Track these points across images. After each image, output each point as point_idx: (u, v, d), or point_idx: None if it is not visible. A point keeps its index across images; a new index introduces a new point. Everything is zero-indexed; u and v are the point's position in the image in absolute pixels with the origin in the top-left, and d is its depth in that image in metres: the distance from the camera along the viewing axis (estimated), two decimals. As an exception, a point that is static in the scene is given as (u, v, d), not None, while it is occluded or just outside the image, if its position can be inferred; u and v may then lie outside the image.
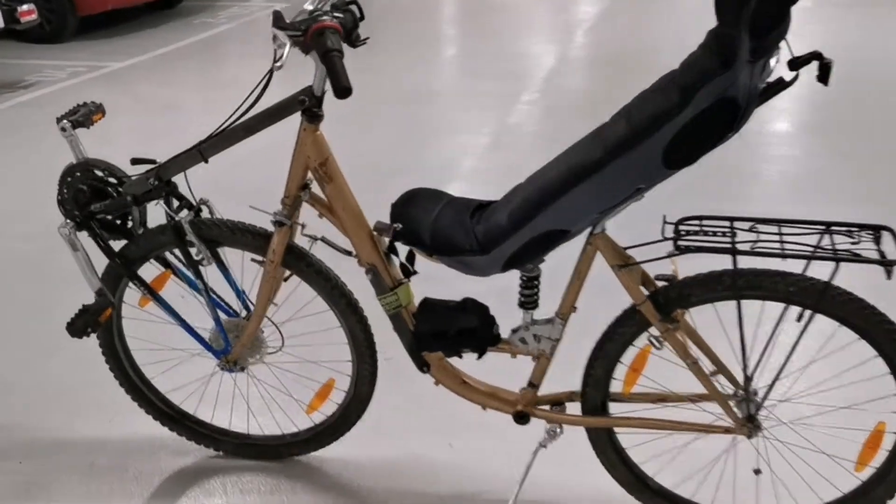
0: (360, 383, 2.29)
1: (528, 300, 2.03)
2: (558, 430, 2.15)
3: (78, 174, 2.17)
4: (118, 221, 2.23)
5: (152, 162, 2.14)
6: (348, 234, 2.06)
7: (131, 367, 2.41)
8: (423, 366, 2.17)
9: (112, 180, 2.18)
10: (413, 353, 2.15)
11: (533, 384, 2.13)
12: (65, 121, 2.14)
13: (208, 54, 7.52)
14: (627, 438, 2.16)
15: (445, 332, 2.10)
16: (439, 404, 2.54)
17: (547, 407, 2.17)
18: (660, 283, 1.94)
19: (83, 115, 2.18)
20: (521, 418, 2.16)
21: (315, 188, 2.07)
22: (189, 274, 2.27)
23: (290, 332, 2.33)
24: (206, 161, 2.07)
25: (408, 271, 2.09)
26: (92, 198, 2.17)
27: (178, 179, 2.13)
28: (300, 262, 2.15)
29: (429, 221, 1.98)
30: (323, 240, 2.13)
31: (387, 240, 2.08)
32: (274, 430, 2.48)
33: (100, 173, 2.18)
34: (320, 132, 1.99)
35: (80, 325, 2.18)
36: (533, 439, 2.15)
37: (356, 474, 2.39)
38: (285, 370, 2.47)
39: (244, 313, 2.27)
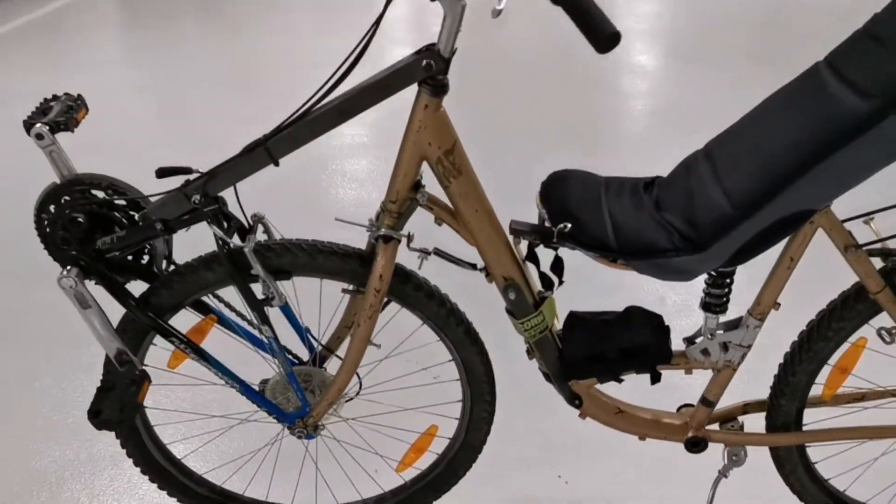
0: (473, 428, 1.79)
1: (717, 302, 1.59)
2: (742, 453, 1.74)
3: (68, 198, 1.53)
4: (129, 257, 1.60)
5: (187, 171, 1.53)
6: (479, 242, 1.55)
7: (156, 445, 1.80)
8: (573, 399, 1.69)
9: (120, 202, 1.55)
10: (561, 385, 1.68)
11: (708, 401, 1.70)
12: (38, 124, 1.48)
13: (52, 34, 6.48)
14: (817, 451, 1.78)
15: (604, 354, 1.63)
16: (530, 422, 2.06)
17: (716, 426, 1.76)
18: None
19: (62, 114, 1.53)
20: (696, 445, 1.73)
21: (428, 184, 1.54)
22: (236, 318, 1.68)
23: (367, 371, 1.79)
24: (277, 163, 1.48)
25: (549, 282, 1.60)
26: (91, 229, 1.54)
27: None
28: (406, 286, 1.61)
29: (603, 215, 1.49)
30: (437, 253, 1.60)
31: (524, 246, 1.58)
32: (351, 495, 1.93)
33: (100, 193, 1.54)
34: (444, 108, 1.46)
35: (111, 412, 1.55)
36: (659, 462, 1.73)
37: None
38: (367, 423, 1.91)
39: (307, 355, 1.72)
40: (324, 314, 1.73)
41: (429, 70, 1.39)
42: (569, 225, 1.47)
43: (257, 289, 1.57)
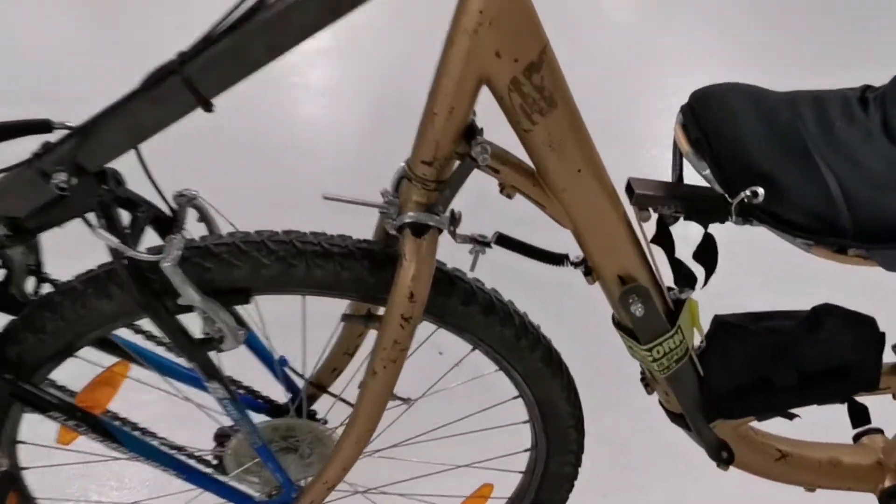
0: (549, 487, 1.16)
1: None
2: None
3: None
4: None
5: (43, 128, 0.83)
6: (579, 222, 0.88)
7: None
8: (720, 450, 1.07)
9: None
10: (701, 429, 1.05)
11: (918, 435, 1.10)
12: None
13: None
14: None
15: (772, 381, 1.00)
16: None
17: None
18: None
19: None
20: (894, 497, 1.13)
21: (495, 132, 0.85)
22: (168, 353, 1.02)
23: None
24: (209, 106, 0.78)
25: (688, 274, 0.95)
26: None
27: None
28: (449, 300, 0.94)
29: (818, 169, 0.82)
30: (503, 242, 0.93)
31: (651, 221, 0.92)
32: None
33: None
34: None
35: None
36: None
37: None
38: (390, 492, 1.26)
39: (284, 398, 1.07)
40: (311, 332, 1.06)
41: None
42: (760, 191, 0.80)
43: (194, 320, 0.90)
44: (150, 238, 0.90)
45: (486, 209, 1.08)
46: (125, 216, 0.88)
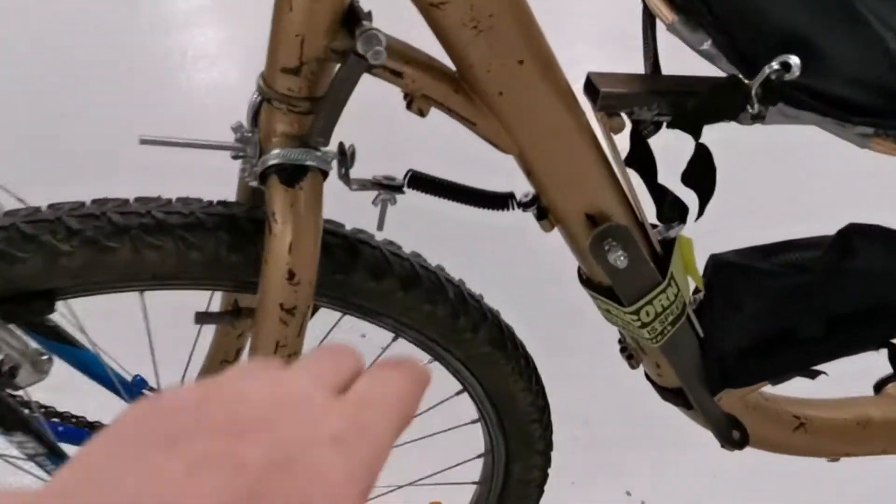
0: (512, 497, 0.90)
1: None
2: None
3: None
4: None
5: None
6: (529, 144, 0.61)
7: None
8: (730, 428, 0.82)
9: None
10: (708, 414, 0.80)
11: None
12: None
13: None
14: None
15: (795, 332, 0.76)
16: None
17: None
18: None
19: None
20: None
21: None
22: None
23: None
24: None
25: (672, 201, 0.69)
26: None
27: None
28: (352, 276, 0.66)
29: (862, 19, 0.56)
30: (418, 183, 0.65)
31: (625, 132, 0.65)
32: None
33: None
34: None
35: None
36: None
37: None
38: None
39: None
40: (164, 335, 0.77)
41: None
42: (795, 60, 0.54)
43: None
44: None
45: (397, 138, 0.80)
46: None
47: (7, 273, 0.58)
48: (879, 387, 0.95)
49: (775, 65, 0.53)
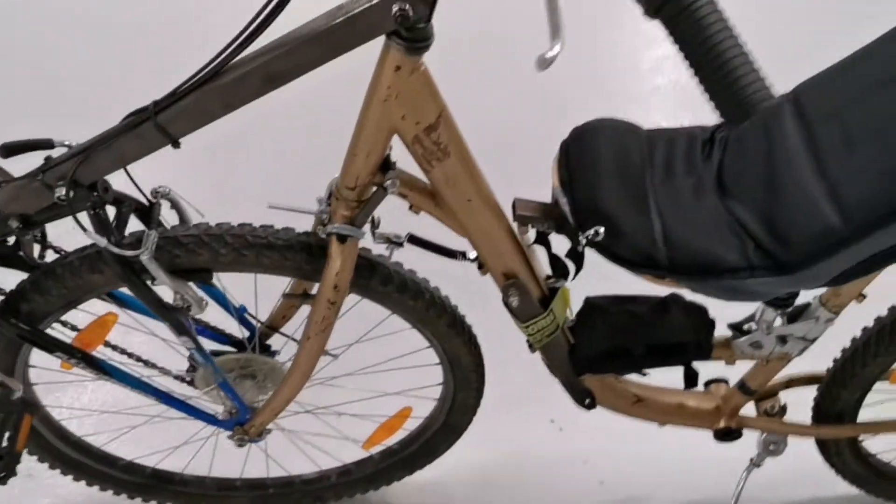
0: (456, 412, 1.45)
1: (785, 297, 1.21)
2: (782, 443, 1.44)
3: None
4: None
5: (46, 145, 1.05)
6: (471, 235, 1.12)
7: (64, 442, 1.44)
8: (584, 397, 1.35)
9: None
10: (571, 387, 1.33)
11: (748, 389, 1.38)
12: None
13: None
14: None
15: (628, 350, 1.27)
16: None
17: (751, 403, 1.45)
18: None
19: None
20: (727, 436, 1.43)
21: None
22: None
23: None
24: (177, 143, 1.00)
25: (563, 267, 1.20)
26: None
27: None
28: (370, 281, 1.19)
29: (649, 214, 1.06)
30: (413, 241, 1.17)
31: (531, 235, 1.16)
32: (309, 467, 1.62)
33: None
34: (425, 67, 0.97)
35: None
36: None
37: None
38: (328, 412, 1.53)
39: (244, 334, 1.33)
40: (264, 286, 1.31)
41: (403, 19, 0.88)
42: (601, 230, 1.04)
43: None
44: (134, 224, 1.13)
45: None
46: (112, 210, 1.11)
47: (192, 259, 1.12)
48: (707, 385, 1.46)
49: (591, 231, 1.03)
